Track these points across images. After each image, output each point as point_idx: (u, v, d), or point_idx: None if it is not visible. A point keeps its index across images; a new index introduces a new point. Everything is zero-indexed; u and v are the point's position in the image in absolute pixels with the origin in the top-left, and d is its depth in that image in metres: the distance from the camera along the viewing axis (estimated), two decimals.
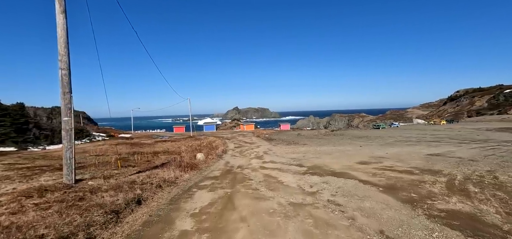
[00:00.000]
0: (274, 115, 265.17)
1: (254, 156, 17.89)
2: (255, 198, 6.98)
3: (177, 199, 6.93)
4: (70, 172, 7.45)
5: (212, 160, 17.16)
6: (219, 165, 14.23)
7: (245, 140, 33.64)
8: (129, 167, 14.38)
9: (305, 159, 14.57)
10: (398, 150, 17.51)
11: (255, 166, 13.24)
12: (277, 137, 37.53)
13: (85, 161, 18.46)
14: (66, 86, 7.42)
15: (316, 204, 6.29)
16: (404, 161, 12.32)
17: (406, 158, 13.52)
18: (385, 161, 12.74)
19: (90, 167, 14.76)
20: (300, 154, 17.47)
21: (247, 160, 16.00)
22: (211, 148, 25.54)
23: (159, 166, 13.96)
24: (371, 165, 11.68)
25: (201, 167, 13.51)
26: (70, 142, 7.56)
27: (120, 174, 10.73)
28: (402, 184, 7.70)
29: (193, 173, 11.54)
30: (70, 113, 7.51)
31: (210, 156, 19.09)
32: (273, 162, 14.22)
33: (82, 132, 51.13)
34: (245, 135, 43.68)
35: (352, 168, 10.97)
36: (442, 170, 9.69)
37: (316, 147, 22.05)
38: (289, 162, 13.98)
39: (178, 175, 10.43)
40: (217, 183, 9.17)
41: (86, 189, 6.78)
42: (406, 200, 6.19)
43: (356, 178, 8.94)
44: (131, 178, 8.99)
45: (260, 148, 23.19)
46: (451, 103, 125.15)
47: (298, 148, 21.51)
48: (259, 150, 21.20)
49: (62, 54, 7.38)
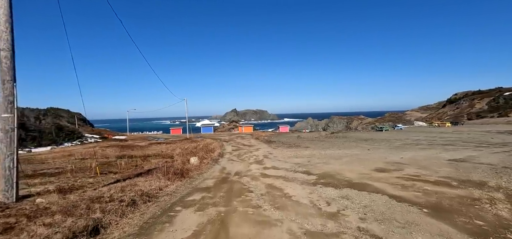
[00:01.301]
0: (272, 117, 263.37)
1: (253, 160, 16.08)
2: (257, 223, 5.17)
3: (149, 226, 5.08)
4: (9, 187, 5.60)
5: (206, 165, 15.33)
6: (214, 171, 12.39)
7: (243, 142, 31.80)
8: (110, 174, 12.51)
9: (312, 165, 12.78)
10: (412, 154, 15.78)
11: (255, 173, 11.43)
12: (277, 139, 35.75)
13: (65, 167, 16.53)
14: (7, 73, 5.59)
15: (344, 236, 4.50)
16: (428, 168, 10.56)
17: (428, 164, 11.78)
18: (406, 168, 10.98)
19: (65, 174, 12.86)
20: (304, 158, 15.68)
21: (246, 165, 14.19)
22: (207, 151, 23.72)
23: (145, 173, 12.11)
24: (392, 173, 9.91)
25: (193, 174, 11.67)
26: (9, 147, 5.69)
27: (91, 185, 8.87)
28: (449, 202, 5.92)
29: (181, 182, 9.70)
30: (12, 108, 5.65)
31: (205, 160, 17.26)
32: (276, 168, 12.41)
33: (73, 134, 49.01)
34: (244, 137, 41.83)
35: (371, 177, 9.19)
36: (485, 181, 7.93)
37: (321, 150, 20.28)
38: (293, 168, 12.18)
39: (163, 185, 8.59)
40: (209, 197, 7.34)
41: (26, 211, 4.96)
42: (474, 231, 4.36)
43: (383, 191, 7.15)
44: (101, 191, 7.14)
45: (260, 151, 21.38)
46: (450, 106, 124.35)
47: (301, 151, 19.73)
48: (258, 154, 19.39)
49: (2, 30, 5.56)
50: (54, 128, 42.58)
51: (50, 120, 48.61)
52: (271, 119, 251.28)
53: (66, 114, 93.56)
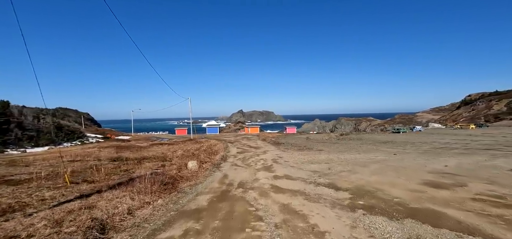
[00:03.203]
0: (278, 118, 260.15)
1: (261, 165, 13.54)
2: None
3: None
4: None
5: (206, 170, 12.86)
6: (212, 181, 9.88)
7: (249, 143, 29.26)
8: (83, 183, 10.14)
9: (335, 174, 10.12)
10: (456, 161, 12.91)
11: (264, 184, 8.87)
12: (285, 140, 33.09)
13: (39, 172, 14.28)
14: None
15: None
16: (499, 183, 7.79)
17: (491, 176, 8.97)
18: (466, 181, 8.21)
19: (30, 182, 10.54)
20: (322, 164, 13.03)
21: (251, 172, 11.65)
22: (209, 153, 21.33)
23: (126, 182, 9.67)
24: (455, 190, 7.17)
25: (185, 186, 9.19)
26: None
27: (42, 202, 6.47)
28: None
29: (166, 199, 7.20)
30: None
31: (206, 164, 14.81)
32: (290, 178, 9.81)
33: (73, 134, 47.36)
34: (250, 138, 39.29)
35: (431, 197, 6.47)
36: None
37: (337, 154, 17.57)
38: (312, 178, 9.55)
39: (136, 206, 6.11)
40: (196, 230, 4.83)
41: None
42: None
43: (473, 228, 4.49)
44: (33, 221, 4.70)
45: (268, 154, 18.80)
46: (465, 107, 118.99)
47: (315, 155, 17.06)
48: (266, 157, 16.82)
49: None
50: (53, 128, 40.92)
51: (50, 119, 47.15)
52: (277, 120, 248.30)
53: (74, 114, 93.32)
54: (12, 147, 32.44)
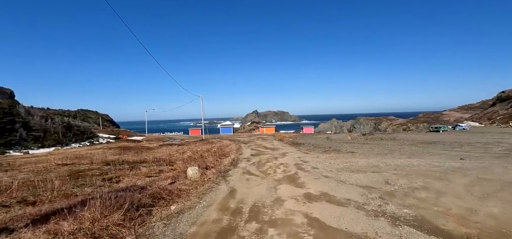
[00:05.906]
0: (293, 118, 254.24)
1: (282, 174, 9.90)
2: None
3: None
4: None
5: (208, 181, 9.42)
6: (210, 205, 6.34)
7: (265, 144, 25.65)
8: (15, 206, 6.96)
9: (409, 196, 6.28)
10: None
11: (293, 212, 5.26)
12: (304, 140, 29.20)
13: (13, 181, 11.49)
14: None
15: None
16: None
17: None
18: None
19: None
20: (367, 173, 9.17)
21: (270, 185, 8.05)
22: (220, 155, 18.03)
23: (81, 202, 6.41)
24: None
25: (163, 216, 5.78)
26: None
27: None
28: None
29: None
30: None
31: (209, 171, 11.36)
32: (332, 200, 6.10)
33: (82, 134, 46.01)
34: (265, 139, 35.68)
35: None
36: None
37: (378, 157, 13.56)
38: (370, 200, 5.80)
39: None
40: None
41: None
42: None
43: None
44: None
45: (287, 157, 15.11)
46: (502, 105, 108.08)
47: (349, 159, 13.16)
48: (287, 161, 13.16)
49: None
50: (61, 128, 39.49)
51: (59, 119, 46.10)
52: (293, 120, 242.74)
53: (94, 115, 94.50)
54: (16, 147, 30.96)
